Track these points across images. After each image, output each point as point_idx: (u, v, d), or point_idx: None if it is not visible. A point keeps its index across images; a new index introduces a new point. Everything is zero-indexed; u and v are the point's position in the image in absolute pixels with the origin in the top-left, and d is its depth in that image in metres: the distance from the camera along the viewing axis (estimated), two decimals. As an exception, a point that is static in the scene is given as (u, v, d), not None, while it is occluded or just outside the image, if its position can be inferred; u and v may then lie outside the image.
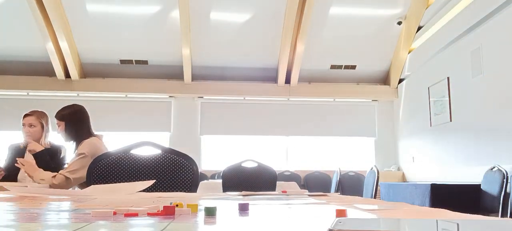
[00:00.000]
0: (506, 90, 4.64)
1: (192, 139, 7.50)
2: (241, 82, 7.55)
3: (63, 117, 2.57)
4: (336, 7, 6.49)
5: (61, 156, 2.83)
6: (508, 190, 3.63)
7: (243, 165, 3.95)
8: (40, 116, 2.82)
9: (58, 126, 2.58)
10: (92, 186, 1.43)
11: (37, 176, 2.39)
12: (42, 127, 2.80)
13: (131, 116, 7.50)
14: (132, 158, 1.97)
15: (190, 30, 6.64)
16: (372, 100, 7.84)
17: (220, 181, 3.98)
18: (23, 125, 2.78)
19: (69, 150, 2.79)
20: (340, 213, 0.59)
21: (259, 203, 0.95)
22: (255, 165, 3.93)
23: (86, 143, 2.50)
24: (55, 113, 2.60)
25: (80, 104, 2.70)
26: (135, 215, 0.63)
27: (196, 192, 1.95)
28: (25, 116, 2.80)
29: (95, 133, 2.64)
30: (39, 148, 2.62)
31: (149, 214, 0.63)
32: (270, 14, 6.56)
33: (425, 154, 6.56)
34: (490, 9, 4.84)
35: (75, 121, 2.57)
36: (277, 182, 3.90)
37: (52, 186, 2.34)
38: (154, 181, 1.89)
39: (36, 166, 2.45)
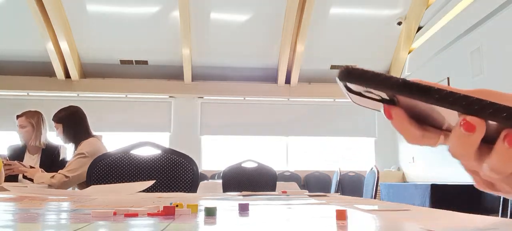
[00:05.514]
0: (506, 90, 4.62)
1: (192, 139, 7.50)
2: (241, 83, 7.55)
3: (61, 119, 2.56)
4: (336, 7, 6.48)
5: (60, 159, 2.81)
6: (508, 190, 3.62)
7: (243, 165, 3.95)
8: (30, 116, 2.79)
9: (56, 129, 2.58)
10: (92, 186, 1.43)
11: (37, 179, 2.39)
12: (33, 127, 2.77)
13: (131, 116, 7.50)
14: (132, 158, 1.97)
15: (190, 30, 6.64)
16: (372, 100, 7.84)
17: (220, 181, 3.98)
18: (17, 126, 2.79)
19: (68, 151, 2.78)
20: (340, 214, 0.59)
21: (259, 203, 0.95)
22: (255, 165, 3.93)
23: (86, 143, 2.50)
24: (52, 117, 2.59)
25: (76, 105, 2.69)
26: (135, 215, 0.63)
27: (196, 192, 1.95)
28: (17, 117, 2.80)
29: (94, 133, 2.64)
30: (30, 172, 2.45)
31: (149, 214, 0.63)
32: (270, 14, 6.55)
33: (425, 154, 6.55)
34: (490, 9, 4.84)
35: (73, 122, 2.57)
36: (277, 182, 3.90)
37: (51, 185, 2.34)
38: (154, 181, 1.89)
39: (35, 170, 2.44)
